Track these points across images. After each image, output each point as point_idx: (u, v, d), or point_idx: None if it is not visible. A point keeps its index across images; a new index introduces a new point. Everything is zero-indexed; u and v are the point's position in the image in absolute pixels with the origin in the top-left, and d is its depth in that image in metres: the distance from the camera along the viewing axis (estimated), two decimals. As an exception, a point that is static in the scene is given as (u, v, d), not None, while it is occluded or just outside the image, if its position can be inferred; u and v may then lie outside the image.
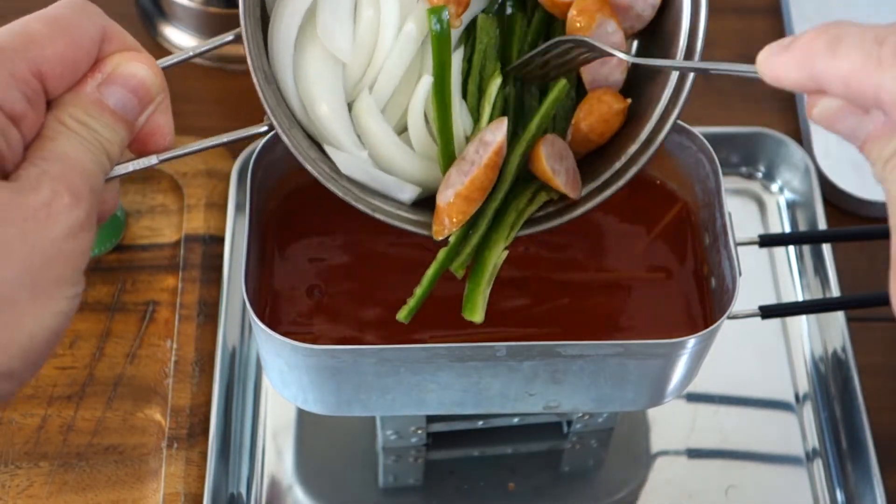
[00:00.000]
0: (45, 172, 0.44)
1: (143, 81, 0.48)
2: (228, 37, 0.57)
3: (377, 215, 0.63)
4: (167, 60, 0.53)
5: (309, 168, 0.61)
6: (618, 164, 0.64)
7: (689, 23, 0.62)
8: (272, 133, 0.59)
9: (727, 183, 0.95)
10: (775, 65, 0.41)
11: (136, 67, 0.48)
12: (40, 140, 0.46)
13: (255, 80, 0.58)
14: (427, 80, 0.62)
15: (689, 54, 0.62)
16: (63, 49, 0.46)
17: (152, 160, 0.52)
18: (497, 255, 0.62)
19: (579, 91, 0.65)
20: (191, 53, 0.56)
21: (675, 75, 0.62)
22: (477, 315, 0.61)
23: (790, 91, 0.42)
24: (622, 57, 0.58)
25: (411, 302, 0.62)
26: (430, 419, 0.75)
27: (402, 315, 0.62)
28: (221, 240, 0.90)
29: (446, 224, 0.61)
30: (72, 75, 0.47)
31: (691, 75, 0.61)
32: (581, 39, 0.59)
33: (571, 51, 0.60)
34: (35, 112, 0.46)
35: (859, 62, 0.38)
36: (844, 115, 0.41)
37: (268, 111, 0.59)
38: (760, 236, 0.75)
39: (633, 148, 0.63)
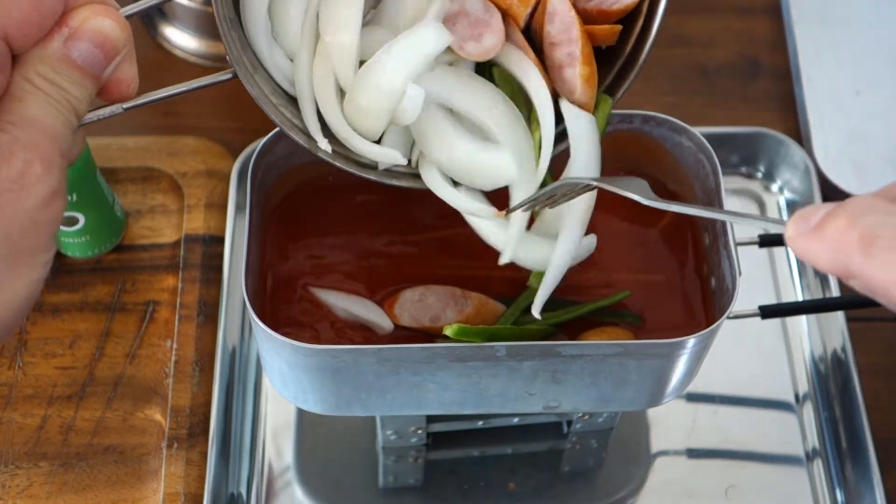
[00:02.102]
0: (16, 140, 0.44)
1: (108, 36, 0.48)
2: None
3: (342, 165, 0.63)
4: (131, 9, 0.53)
5: (270, 114, 0.61)
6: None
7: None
8: (234, 78, 0.59)
9: (727, 183, 0.95)
10: (807, 249, 0.39)
11: (101, 22, 0.48)
12: (8, 101, 0.46)
13: (220, 26, 0.58)
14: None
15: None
16: (28, 10, 0.46)
17: (118, 108, 0.52)
18: None
19: None
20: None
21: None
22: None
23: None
24: (639, 201, 0.56)
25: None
26: (430, 419, 0.75)
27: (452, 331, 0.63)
28: (221, 240, 0.90)
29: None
30: (38, 33, 0.47)
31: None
32: (591, 183, 0.60)
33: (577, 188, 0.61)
34: (2, 73, 0.46)
35: None
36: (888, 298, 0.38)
37: (230, 58, 0.59)
38: (760, 236, 0.75)
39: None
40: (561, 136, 0.64)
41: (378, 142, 0.63)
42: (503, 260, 0.64)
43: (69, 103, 0.47)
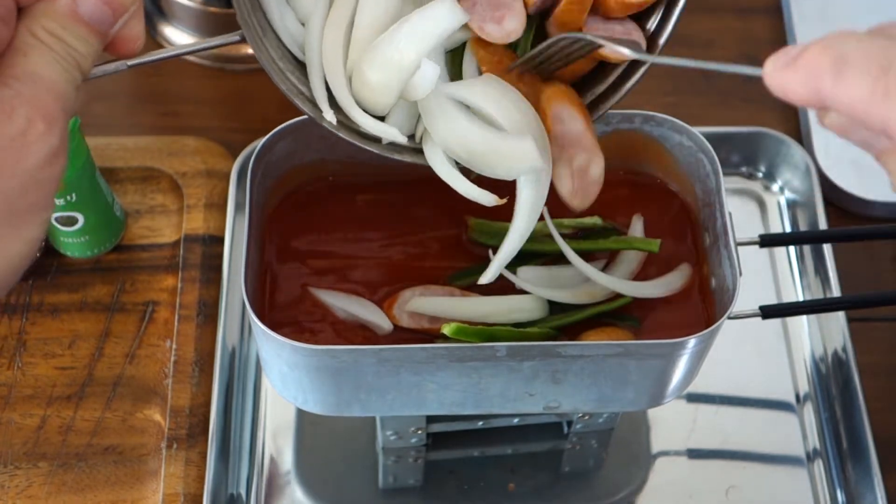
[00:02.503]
0: (18, 95, 0.44)
1: None
2: None
3: (345, 135, 0.62)
4: None
5: (276, 80, 0.60)
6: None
7: None
8: (242, 41, 0.58)
9: (727, 183, 0.95)
10: (782, 80, 0.40)
11: None
12: (12, 55, 0.45)
13: None
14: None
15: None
16: None
17: (122, 65, 0.52)
18: None
19: None
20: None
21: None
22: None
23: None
24: (626, 54, 0.56)
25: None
26: (430, 419, 0.75)
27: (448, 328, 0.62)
28: (221, 240, 0.89)
29: None
30: None
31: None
32: (581, 37, 0.59)
33: (573, 45, 0.60)
34: (6, 26, 0.45)
35: (866, 91, 0.36)
36: (857, 129, 0.40)
37: (239, 18, 0.58)
38: (761, 236, 0.74)
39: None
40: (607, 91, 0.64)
41: (382, 119, 0.62)
42: (483, 281, 0.63)
43: (74, 59, 0.47)
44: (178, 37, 1.03)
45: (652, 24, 0.63)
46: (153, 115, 1.00)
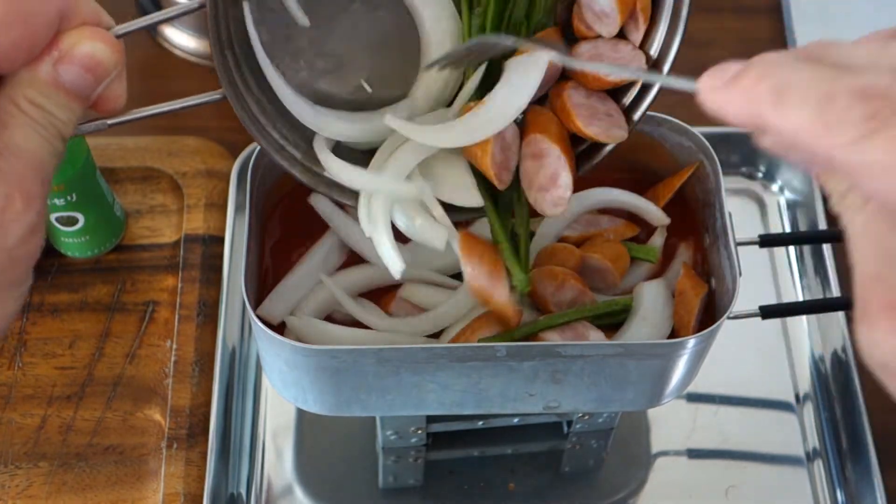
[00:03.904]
0: None
1: (99, 60, 0.47)
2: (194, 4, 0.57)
3: (323, 190, 0.63)
4: (126, 28, 0.51)
5: (254, 133, 0.60)
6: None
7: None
8: (224, 99, 0.58)
9: (727, 183, 0.95)
10: (718, 100, 0.38)
11: (92, 46, 0.47)
12: None
13: (213, 47, 0.57)
14: None
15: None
16: (19, 37, 0.44)
17: (102, 125, 0.51)
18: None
19: None
20: (155, 20, 0.55)
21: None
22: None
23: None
24: (555, 59, 0.57)
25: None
26: (430, 419, 0.75)
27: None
28: (221, 240, 0.89)
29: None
30: (27, 56, 0.46)
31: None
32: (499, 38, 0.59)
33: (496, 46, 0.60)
34: None
35: (808, 122, 0.35)
36: (796, 150, 0.38)
37: (221, 80, 0.58)
38: (760, 236, 0.74)
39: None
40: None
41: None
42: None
43: (55, 128, 0.46)
44: (179, 37, 1.03)
45: (627, 100, 0.64)
46: (153, 115, 1.00)
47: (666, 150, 0.71)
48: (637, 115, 0.64)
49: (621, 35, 0.63)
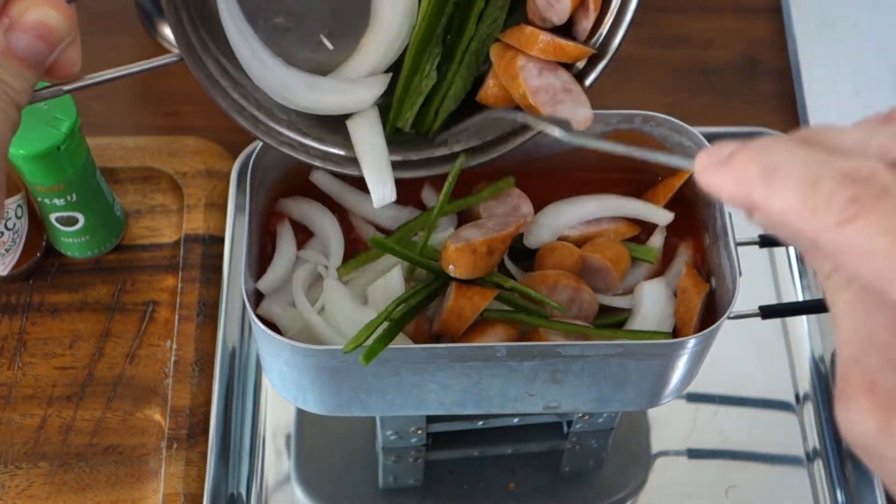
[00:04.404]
0: None
1: (51, 27, 0.46)
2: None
3: (283, 149, 0.64)
4: None
5: (211, 93, 0.60)
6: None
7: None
8: (181, 61, 0.58)
9: (727, 183, 0.95)
10: (713, 179, 0.39)
11: (42, 13, 0.46)
12: None
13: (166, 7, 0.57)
14: None
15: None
16: None
17: (58, 90, 0.51)
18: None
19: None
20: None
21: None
22: None
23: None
24: (562, 137, 0.57)
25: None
26: (430, 419, 0.75)
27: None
28: (221, 240, 0.89)
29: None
30: None
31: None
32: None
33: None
34: None
35: (794, 205, 0.36)
36: (784, 230, 0.39)
37: (177, 40, 0.57)
38: (760, 236, 0.74)
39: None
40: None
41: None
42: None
43: (9, 97, 0.46)
44: (179, 37, 1.03)
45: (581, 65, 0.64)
46: (153, 115, 1.00)
47: (666, 150, 0.71)
48: (590, 81, 0.64)
49: (571, 23, 0.63)
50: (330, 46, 0.63)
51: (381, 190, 0.64)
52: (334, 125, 0.65)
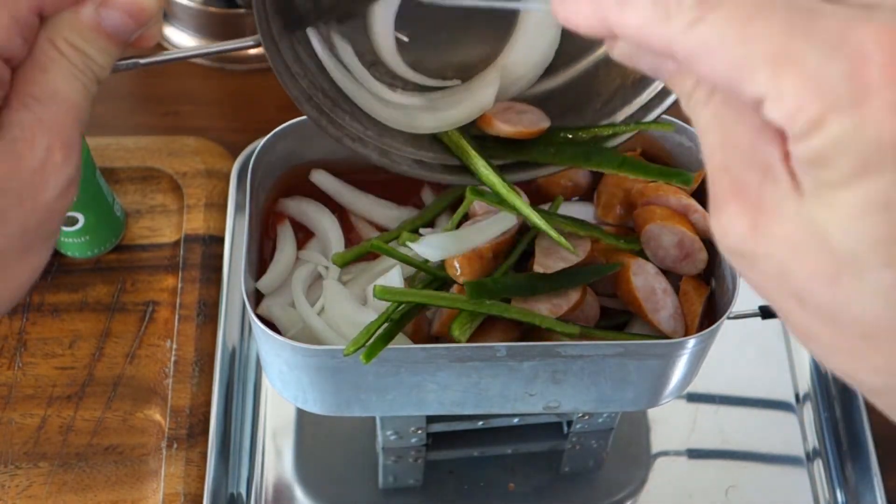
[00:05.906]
0: (39, 121, 0.43)
1: (143, 6, 0.46)
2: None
3: (353, 144, 0.62)
4: None
5: (283, 81, 0.59)
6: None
7: None
8: (258, 45, 0.57)
9: (727, 183, 0.95)
10: (569, 10, 0.41)
11: None
12: (32, 69, 0.44)
13: None
14: None
15: None
16: None
17: (134, 64, 0.50)
18: None
19: None
20: None
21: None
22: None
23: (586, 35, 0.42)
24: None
25: None
26: (430, 419, 0.75)
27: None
28: (221, 240, 0.90)
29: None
30: (71, 1, 0.45)
31: None
32: None
33: None
34: (26, 43, 0.44)
35: (648, 16, 0.37)
36: (644, 55, 0.41)
37: (257, 23, 0.56)
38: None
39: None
40: None
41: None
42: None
43: (93, 72, 0.46)
44: (179, 37, 1.03)
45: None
46: (153, 115, 1.00)
47: (666, 151, 0.71)
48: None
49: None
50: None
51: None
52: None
